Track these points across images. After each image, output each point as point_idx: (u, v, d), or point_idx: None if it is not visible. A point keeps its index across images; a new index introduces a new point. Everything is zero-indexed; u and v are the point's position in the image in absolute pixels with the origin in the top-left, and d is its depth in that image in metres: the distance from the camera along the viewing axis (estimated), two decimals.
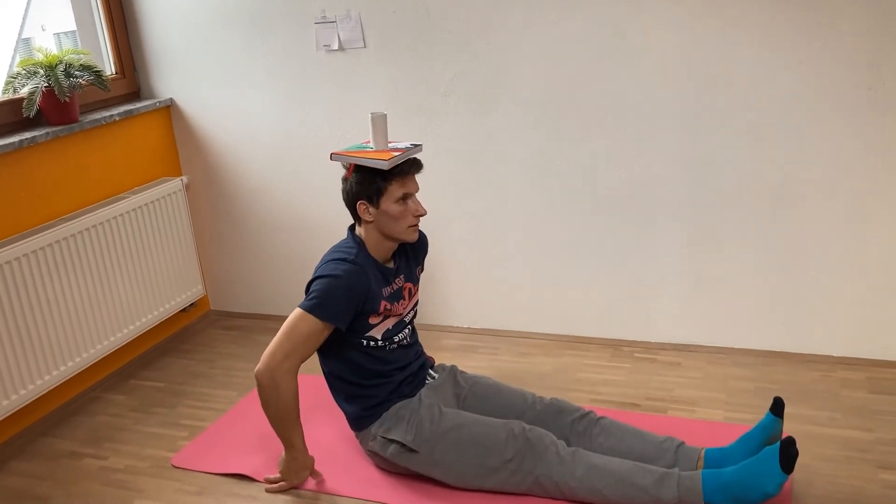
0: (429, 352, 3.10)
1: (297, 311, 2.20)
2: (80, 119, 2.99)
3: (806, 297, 2.79)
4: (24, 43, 3.22)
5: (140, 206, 3.13)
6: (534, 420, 2.30)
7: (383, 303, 2.28)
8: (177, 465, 2.52)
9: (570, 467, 2.09)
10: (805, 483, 2.17)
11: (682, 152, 2.76)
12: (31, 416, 2.83)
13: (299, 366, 2.22)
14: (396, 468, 2.33)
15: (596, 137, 2.85)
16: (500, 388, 2.43)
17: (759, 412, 2.51)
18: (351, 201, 2.27)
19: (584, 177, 2.91)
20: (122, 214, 3.05)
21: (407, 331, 2.40)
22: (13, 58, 3.05)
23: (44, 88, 2.81)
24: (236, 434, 2.65)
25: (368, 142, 2.33)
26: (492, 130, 2.97)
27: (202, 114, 3.38)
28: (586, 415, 2.28)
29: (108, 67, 3.34)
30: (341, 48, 3.05)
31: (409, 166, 2.25)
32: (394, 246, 2.33)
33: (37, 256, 2.70)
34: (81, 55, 2.99)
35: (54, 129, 2.86)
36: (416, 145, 2.33)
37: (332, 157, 2.28)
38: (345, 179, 2.28)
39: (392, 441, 2.27)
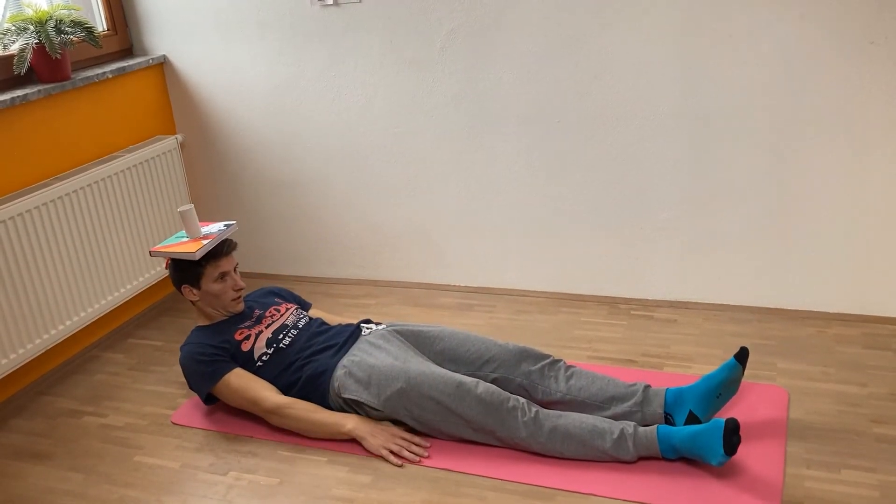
0: (425, 311, 3.12)
1: (220, 384, 2.41)
2: (72, 77, 2.95)
3: (802, 254, 2.79)
4: None
5: (135, 165, 3.11)
6: (504, 363, 2.36)
7: (237, 332, 2.50)
8: (176, 423, 2.54)
9: (531, 431, 2.17)
10: (798, 437, 2.20)
11: (680, 109, 2.74)
12: (31, 374, 2.84)
13: (273, 395, 2.39)
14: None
15: (592, 93, 2.82)
16: (469, 336, 2.47)
17: (755, 367, 2.53)
18: (177, 286, 2.56)
19: (581, 132, 2.89)
20: (116, 173, 3.03)
21: (294, 332, 2.53)
22: (2, 14, 2.99)
23: (34, 45, 2.77)
24: None
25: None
26: (487, 86, 2.94)
27: (196, 71, 3.34)
28: (557, 361, 2.37)
29: (100, 24, 3.28)
30: (336, 2, 3.01)
31: (221, 247, 2.53)
32: (225, 315, 2.57)
33: (31, 216, 2.69)
34: (72, 11, 2.94)
35: (46, 86, 2.82)
36: (228, 226, 2.60)
37: (151, 254, 2.56)
38: (167, 267, 2.58)
39: (355, 402, 2.34)
